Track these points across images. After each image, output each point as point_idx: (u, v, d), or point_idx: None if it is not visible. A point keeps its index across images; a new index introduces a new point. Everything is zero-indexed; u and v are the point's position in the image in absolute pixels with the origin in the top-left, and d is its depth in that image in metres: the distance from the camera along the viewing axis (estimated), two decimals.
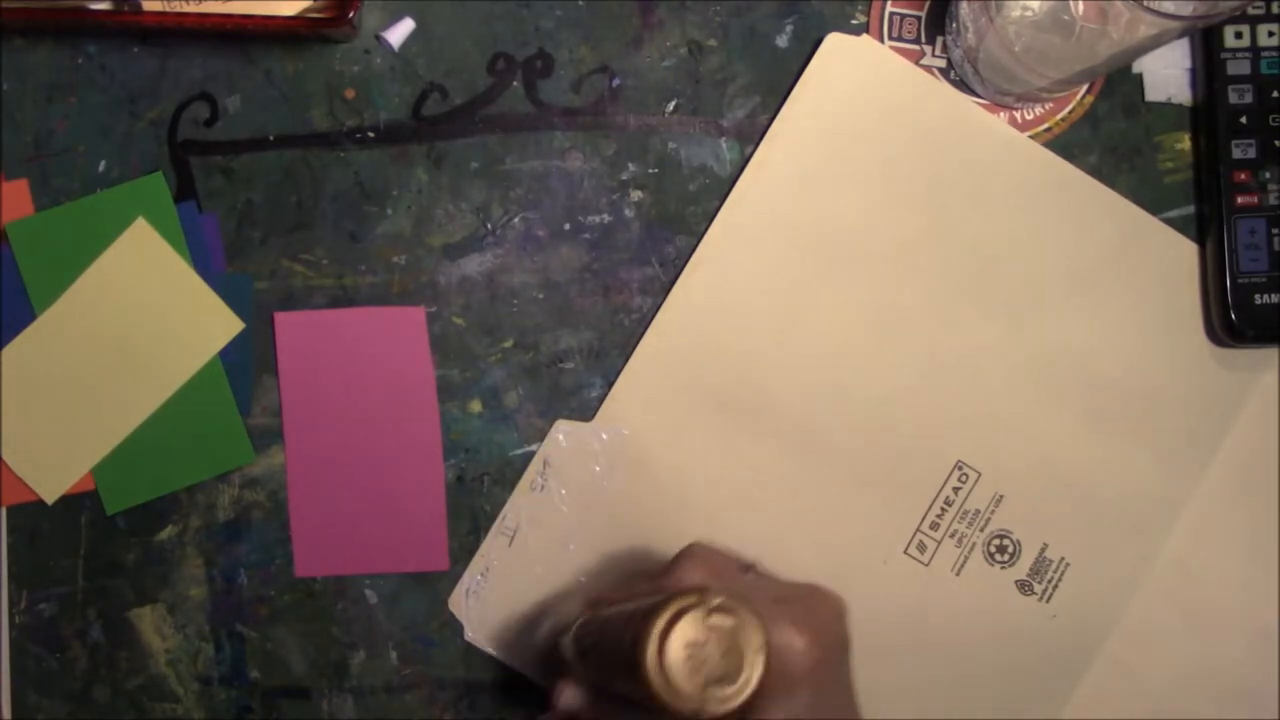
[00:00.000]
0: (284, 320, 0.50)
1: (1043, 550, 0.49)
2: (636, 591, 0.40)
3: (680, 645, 0.33)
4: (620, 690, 0.36)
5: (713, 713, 0.33)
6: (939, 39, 0.51)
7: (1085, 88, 0.51)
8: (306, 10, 0.49)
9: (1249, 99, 0.49)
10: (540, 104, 0.51)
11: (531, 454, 0.51)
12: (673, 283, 0.50)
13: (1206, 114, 0.49)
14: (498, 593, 0.50)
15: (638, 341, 0.50)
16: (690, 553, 0.40)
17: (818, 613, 0.39)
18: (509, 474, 0.51)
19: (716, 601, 0.33)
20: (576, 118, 0.51)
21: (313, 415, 0.50)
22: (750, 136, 0.51)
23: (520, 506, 0.50)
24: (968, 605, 0.49)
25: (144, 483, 0.51)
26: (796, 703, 0.36)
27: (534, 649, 0.50)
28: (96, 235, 0.50)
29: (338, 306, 0.51)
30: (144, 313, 0.50)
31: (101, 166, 0.51)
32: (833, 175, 0.50)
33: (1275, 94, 0.49)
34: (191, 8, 0.49)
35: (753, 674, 0.33)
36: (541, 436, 0.51)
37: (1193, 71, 0.50)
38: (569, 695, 0.41)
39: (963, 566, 0.49)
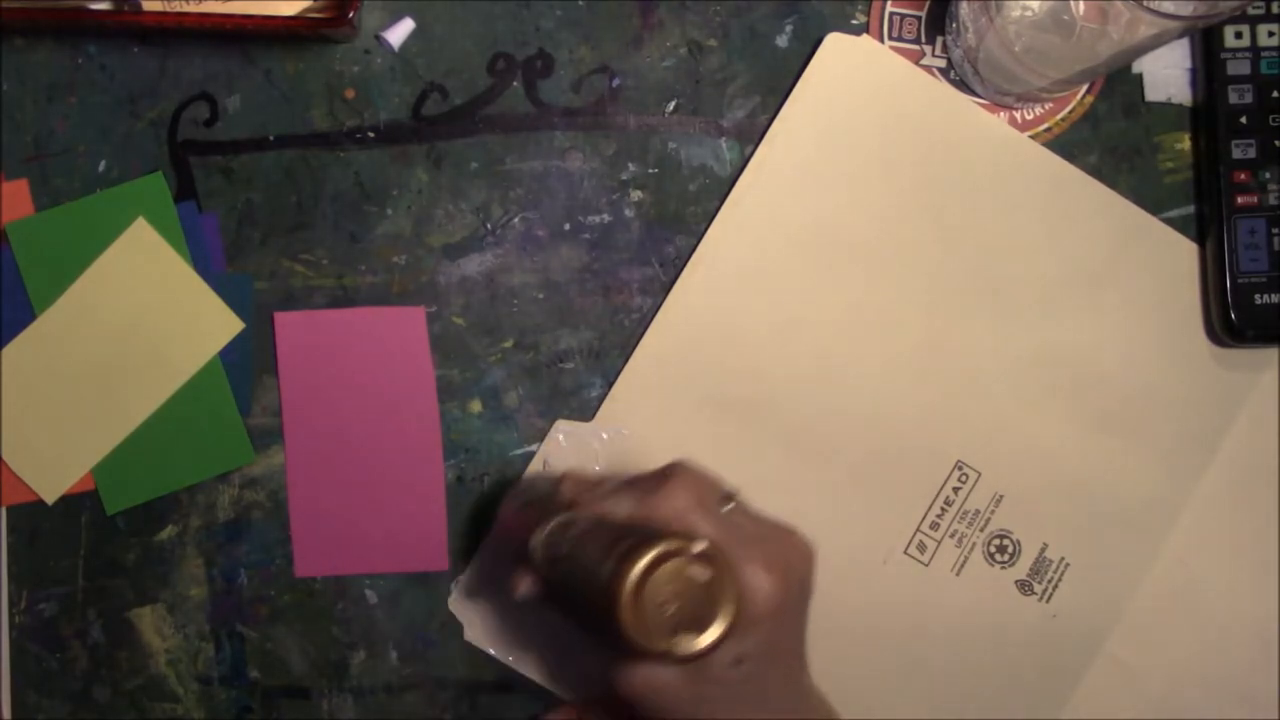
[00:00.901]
0: (284, 320, 0.50)
1: (1043, 550, 0.49)
2: (617, 505, 0.39)
3: (657, 589, 0.33)
4: (582, 605, 0.37)
5: (676, 655, 0.33)
6: (939, 39, 0.51)
7: (1085, 88, 0.51)
8: (306, 10, 0.49)
9: (1249, 99, 0.49)
10: (540, 104, 0.51)
11: (531, 454, 0.51)
12: (673, 283, 0.50)
13: (1206, 114, 0.49)
14: (498, 592, 0.50)
15: (638, 341, 0.50)
16: (678, 473, 0.40)
17: (788, 556, 0.39)
18: (509, 474, 0.51)
19: (699, 549, 0.34)
20: (576, 118, 0.51)
21: (313, 415, 0.50)
22: (750, 136, 0.51)
23: None
24: (968, 605, 0.49)
25: (144, 483, 0.51)
26: (751, 640, 0.37)
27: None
28: (96, 235, 0.50)
29: (338, 306, 0.51)
30: (144, 313, 0.50)
31: (101, 166, 0.51)
32: (833, 175, 0.50)
33: (1275, 94, 0.49)
34: (191, 8, 0.49)
35: (721, 625, 0.34)
36: (541, 436, 0.51)
37: (1193, 71, 0.50)
38: (526, 586, 0.41)
39: (963, 566, 0.49)
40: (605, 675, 0.39)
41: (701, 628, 0.34)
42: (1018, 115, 0.51)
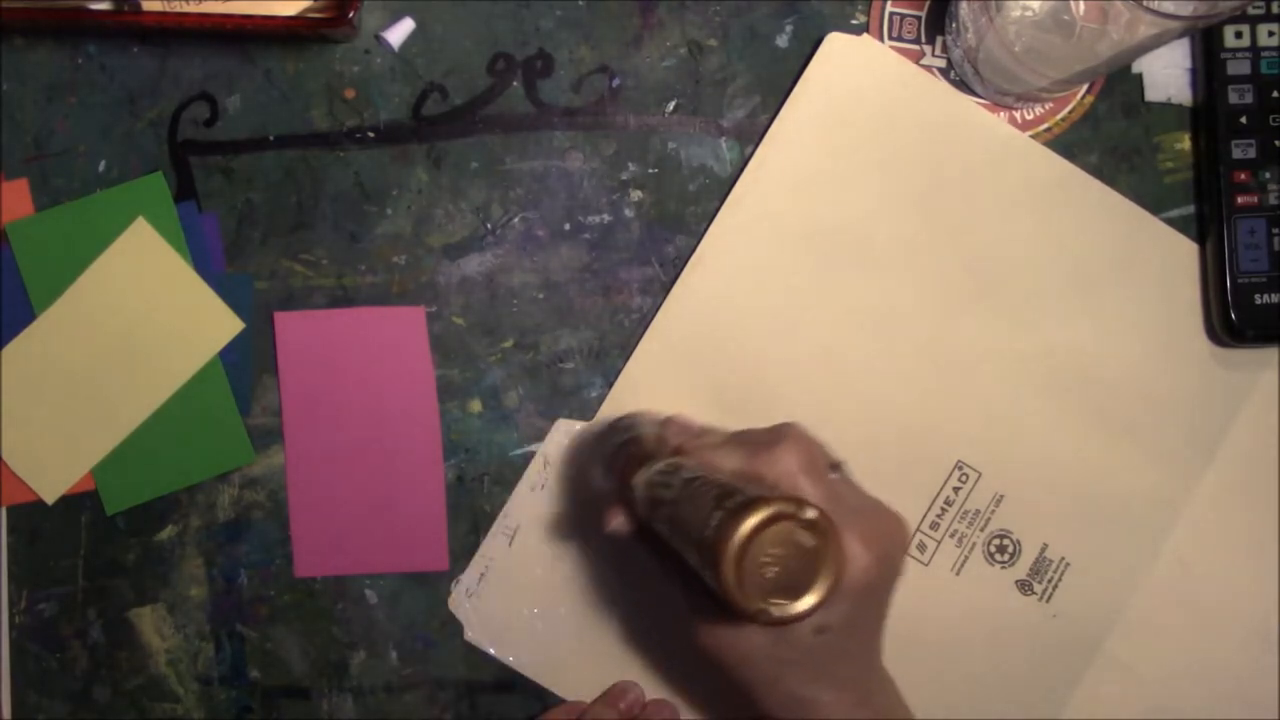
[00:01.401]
0: (284, 320, 0.50)
1: (1043, 550, 0.49)
2: (727, 458, 0.39)
3: (761, 549, 0.33)
4: (678, 552, 0.37)
5: (770, 617, 0.33)
6: (939, 39, 0.51)
7: (1085, 88, 0.51)
8: (306, 10, 0.49)
9: (1249, 99, 0.49)
10: (540, 104, 0.51)
11: (531, 454, 0.51)
12: (673, 283, 0.50)
13: (1206, 114, 0.49)
14: (498, 593, 0.50)
15: (638, 341, 0.50)
16: (790, 434, 0.40)
17: (887, 532, 0.39)
18: (509, 474, 0.51)
19: (810, 516, 0.33)
20: (576, 118, 0.51)
21: (313, 415, 0.50)
22: (750, 136, 0.51)
23: (520, 506, 0.50)
24: (968, 605, 0.49)
25: (144, 483, 0.51)
26: (837, 611, 0.37)
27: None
28: (96, 235, 0.50)
29: (338, 306, 0.51)
30: (144, 313, 0.50)
31: (101, 166, 0.51)
32: (833, 175, 0.50)
33: (1275, 94, 0.49)
34: (191, 8, 0.49)
35: (819, 593, 0.34)
36: (541, 436, 0.51)
37: (1193, 71, 0.50)
38: (619, 523, 0.41)
39: (963, 566, 0.49)
40: (689, 623, 0.39)
41: (798, 593, 0.34)
42: (1018, 115, 0.51)
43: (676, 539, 0.37)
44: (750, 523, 0.33)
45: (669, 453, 0.41)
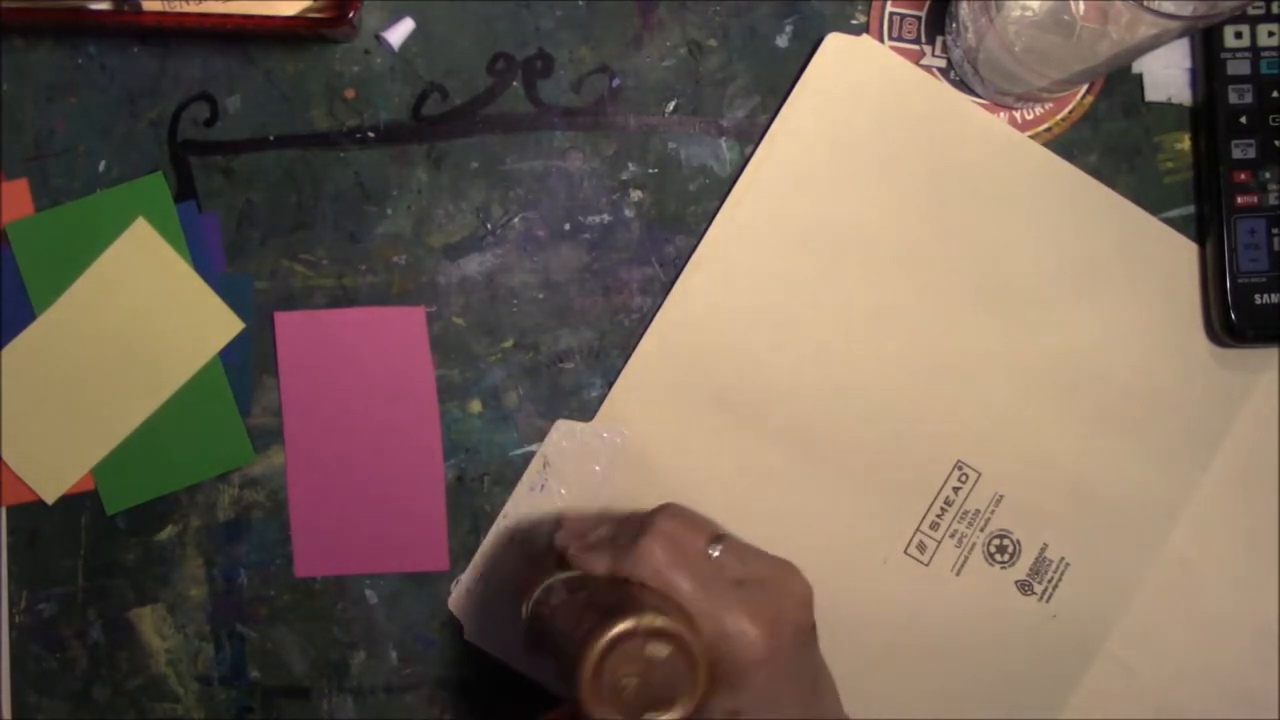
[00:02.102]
0: (284, 320, 0.50)
1: (1043, 550, 0.49)
2: (597, 562, 0.39)
3: (616, 669, 0.34)
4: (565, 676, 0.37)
5: None
6: (939, 39, 0.51)
7: (1085, 88, 0.51)
8: (306, 10, 0.49)
9: (1249, 99, 0.49)
10: (540, 104, 0.51)
11: (531, 454, 0.51)
12: (673, 283, 0.50)
13: (1206, 114, 0.49)
14: (498, 593, 0.50)
15: (638, 341, 0.50)
16: (658, 523, 0.39)
17: (777, 599, 0.38)
18: (509, 474, 0.51)
19: (656, 625, 0.34)
20: (576, 118, 0.51)
21: (313, 415, 0.50)
22: (750, 136, 0.51)
23: (520, 506, 0.50)
24: (968, 605, 0.49)
25: (144, 483, 0.51)
26: (745, 694, 0.36)
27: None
28: (96, 235, 0.50)
29: (338, 306, 0.51)
30: (144, 313, 0.50)
31: (101, 166, 0.51)
32: (833, 175, 0.50)
33: (1275, 94, 0.49)
34: (191, 8, 0.49)
35: (685, 704, 0.34)
36: (541, 436, 0.51)
37: (1193, 71, 0.50)
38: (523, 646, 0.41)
39: (963, 566, 0.49)
40: None
41: (668, 705, 0.34)
42: (1018, 115, 0.51)
43: (559, 665, 0.37)
44: (598, 646, 0.33)
45: (557, 560, 0.42)
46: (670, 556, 0.38)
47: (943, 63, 0.51)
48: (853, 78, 0.50)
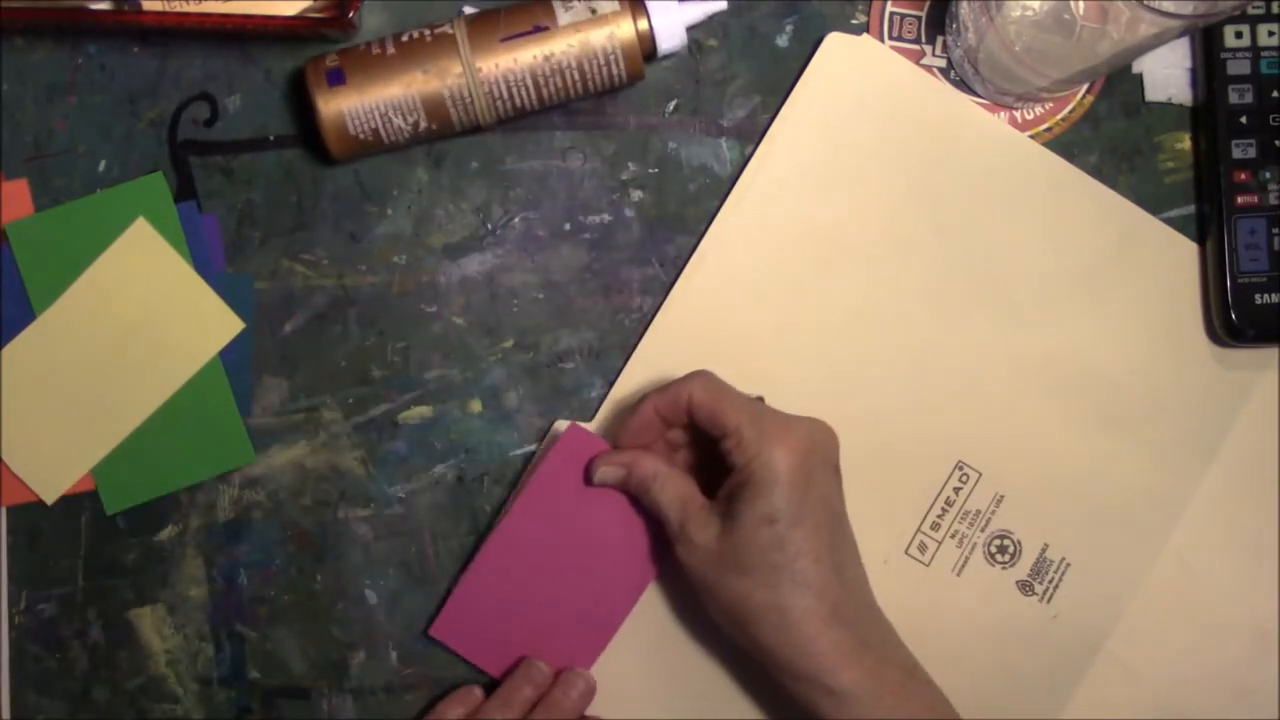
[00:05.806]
0: (573, 434, 0.47)
1: (1043, 550, 0.49)
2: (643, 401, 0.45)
3: None
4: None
5: None
6: (939, 39, 0.51)
7: (1085, 88, 0.51)
8: (306, 10, 0.49)
9: (1249, 99, 0.49)
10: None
11: (531, 454, 0.51)
12: (673, 283, 0.50)
13: (1206, 114, 0.49)
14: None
15: (638, 341, 0.50)
16: (699, 371, 0.45)
17: (811, 431, 0.44)
18: (509, 474, 0.51)
19: None
20: (576, 118, 0.51)
21: (539, 520, 0.48)
22: (750, 136, 0.51)
23: None
24: (968, 606, 0.49)
25: (144, 483, 0.51)
26: (780, 502, 0.42)
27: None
28: (96, 235, 0.50)
29: (338, 306, 0.51)
30: (144, 313, 0.50)
31: (101, 166, 0.51)
32: (833, 175, 0.50)
33: (1275, 94, 0.49)
34: (191, 8, 0.49)
35: None
36: (541, 436, 0.51)
37: (1193, 71, 0.50)
38: None
39: (963, 567, 0.49)
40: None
41: None
42: (1018, 115, 0.51)
43: None
44: None
45: None
46: (722, 384, 0.45)
47: (943, 62, 0.51)
48: (853, 78, 0.50)
